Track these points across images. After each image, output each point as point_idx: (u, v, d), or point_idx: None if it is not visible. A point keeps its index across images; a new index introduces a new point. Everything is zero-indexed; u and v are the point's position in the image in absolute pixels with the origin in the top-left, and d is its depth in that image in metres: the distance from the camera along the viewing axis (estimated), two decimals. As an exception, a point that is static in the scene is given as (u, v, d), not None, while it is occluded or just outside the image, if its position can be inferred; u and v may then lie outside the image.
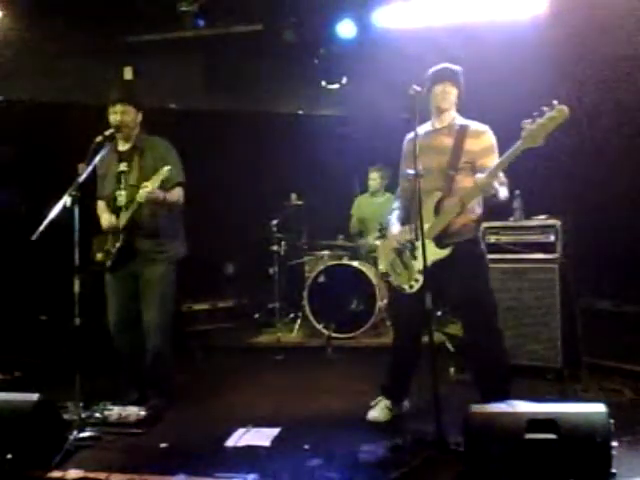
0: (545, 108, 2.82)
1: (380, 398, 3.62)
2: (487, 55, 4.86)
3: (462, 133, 3.30)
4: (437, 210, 3.27)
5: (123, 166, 3.83)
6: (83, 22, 5.41)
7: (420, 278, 3.29)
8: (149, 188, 3.50)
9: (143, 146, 3.83)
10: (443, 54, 3.62)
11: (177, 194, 3.80)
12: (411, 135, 3.49)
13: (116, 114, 3.75)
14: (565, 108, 2.79)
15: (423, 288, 3.19)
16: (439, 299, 3.41)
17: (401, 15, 5.35)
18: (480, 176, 3.09)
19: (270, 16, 5.63)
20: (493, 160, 3.18)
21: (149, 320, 3.75)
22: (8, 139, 5.50)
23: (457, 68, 3.42)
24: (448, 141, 3.31)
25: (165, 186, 3.66)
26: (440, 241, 3.23)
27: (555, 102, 2.82)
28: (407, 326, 3.52)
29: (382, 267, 3.63)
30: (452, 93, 3.37)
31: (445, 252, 3.21)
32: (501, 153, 3.14)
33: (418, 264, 3.30)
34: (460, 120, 3.41)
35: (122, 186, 3.81)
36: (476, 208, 3.34)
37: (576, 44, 4.58)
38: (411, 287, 3.36)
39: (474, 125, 3.35)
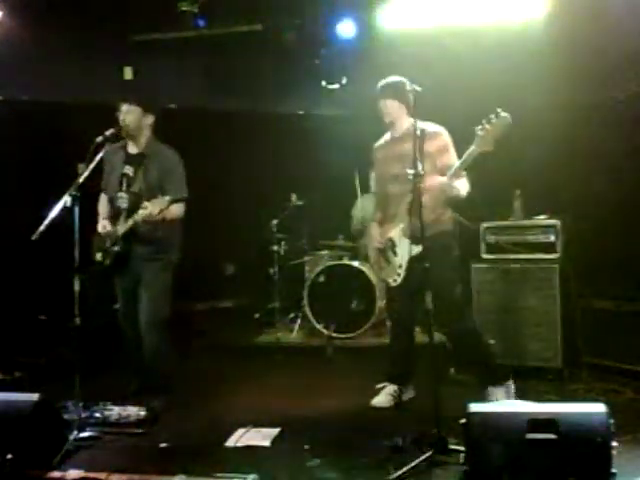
0: (492, 116, 3.03)
1: (386, 383, 3.85)
2: (486, 55, 4.87)
3: (421, 137, 3.39)
4: (410, 211, 3.46)
5: (128, 170, 3.83)
6: (83, 22, 5.41)
7: (402, 273, 3.61)
8: (147, 211, 3.48)
9: (151, 155, 3.83)
10: (442, 54, 3.63)
11: (177, 210, 3.78)
12: (379, 143, 3.86)
13: (120, 114, 3.76)
14: (508, 116, 3.02)
15: (405, 283, 3.59)
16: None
17: (401, 15, 5.35)
18: (442, 179, 3.39)
19: (270, 16, 5.63)
20: (449, 158, 3.50)
21: (143, 321, 3.78)
22: (8, 139, 5.49)
23: (394, 80, 3.64)
24: (409, 147, 3.36)
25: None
26: (415, 238, 3.39)
27: (499, 110, 3.01)
28: (398, 317, 3.87)
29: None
30: (392, 107, 3.62)
31: (419, 248, 3.33)
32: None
33: (399, 260, 3.62)
34: (418, 125, 3.43)
35: (124, 189, 3.81)
36: (444, 204, 3.58)
37: (575, 44, 4.58)
38: (394, 281, 3.67)
39: (430, 127, 3.52)
